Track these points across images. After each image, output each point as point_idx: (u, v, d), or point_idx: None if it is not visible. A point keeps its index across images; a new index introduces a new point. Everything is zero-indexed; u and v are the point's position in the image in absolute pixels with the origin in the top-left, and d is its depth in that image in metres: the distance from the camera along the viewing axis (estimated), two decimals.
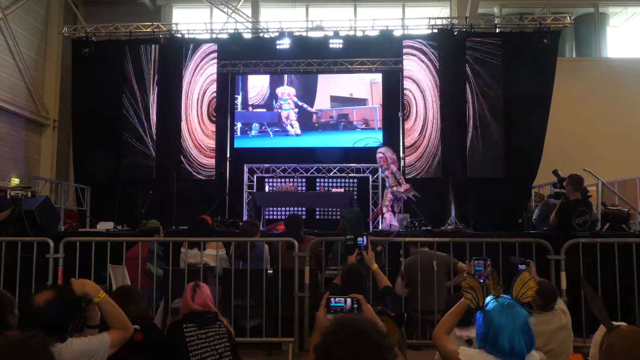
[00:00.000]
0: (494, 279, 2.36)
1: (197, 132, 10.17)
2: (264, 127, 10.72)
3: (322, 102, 10.72)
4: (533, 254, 4.56)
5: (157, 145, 9.91)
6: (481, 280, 2.58)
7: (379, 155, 8.66)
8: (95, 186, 9.73)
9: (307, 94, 10.73)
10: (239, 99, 10.83)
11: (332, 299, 2.41)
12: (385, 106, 10.49)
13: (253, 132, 10.74)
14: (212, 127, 10.20)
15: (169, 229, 7.30)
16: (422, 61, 9.91)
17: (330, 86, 10.76)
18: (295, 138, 10.58)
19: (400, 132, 10.12)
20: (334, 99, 10.73)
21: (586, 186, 6.04)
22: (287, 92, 10.69)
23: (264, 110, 10.79)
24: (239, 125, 10.77)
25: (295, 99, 10.65)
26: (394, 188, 8.40)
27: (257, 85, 10.88)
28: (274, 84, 10.78)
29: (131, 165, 9.78)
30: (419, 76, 9.91)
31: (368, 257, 3.56)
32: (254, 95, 10.84)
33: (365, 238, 3.59)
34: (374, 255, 3.69)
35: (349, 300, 2.40)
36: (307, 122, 10.66)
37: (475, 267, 3.13)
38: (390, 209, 8.46)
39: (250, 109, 10.83)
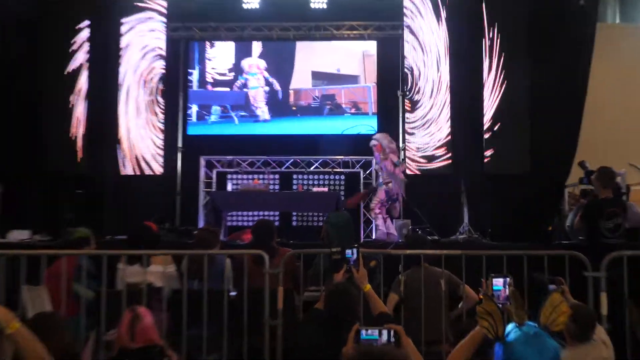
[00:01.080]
0: (516, 302, 2.38)
1: (139, 115, 10.10)
2: (226, 111, 10.65)
3: (301, 79, 10.69)
4: (566, 269, 4.61)
5: (88, 131, 9.77)
6: (500, 304, 2.60)
7: (372, 143, 8.67)
8: (5, 184, 9.53)
9: (282, 69, 10.69)
10: (194, 75, 10.75)
11: (363, 331, 2.43)
12: (380, 84, 10.52)
13: (213, 118, 10.68)
14: (159, 110, 10.14)
15: (103, 239, 7.23)
16: (428, 26, 9.96)
17: (312, 59, 10.75)
18: (268, 125, 10.55)
19: (400, 115, 10.16)
20: (317, 76, 10.72)
21: (629, 184, 6.14)
22: (256, 64, 10.65)
23: (227, 89, 10.73)
24: (194, 108, 10.70)
25: (267, 75, 10.61)
26: (389, 185, 8.45)
27: (219, 56, 10.81)
28: (240, 54, 10.72)
29: (53, 157, 9.63)
30: (424, 45, 9.97)
31: (359, 275, 3.57)
32: (215, 69, 10.76)
33: (355, 250, 3.59)
34: (367, 273, 3.69)
35: (384, 331, 2.42)
36: (282, 105, 10.64)
37: (493, 286, 3.15)
38: (379, 213, 8.45)
39: (209, 87, 10.76)
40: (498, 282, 3.17)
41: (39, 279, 4.79)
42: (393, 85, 10.35)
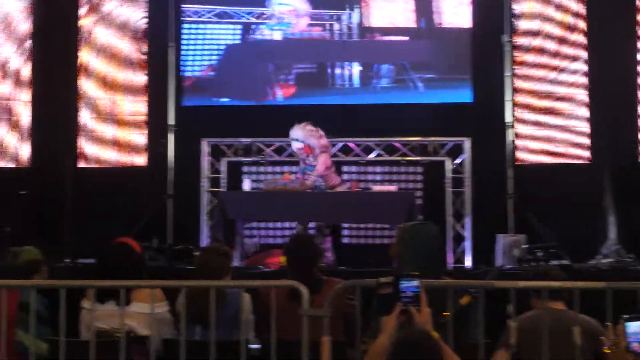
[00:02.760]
0: None
1: (110, 84, 10.33)
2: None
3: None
4: None
5: (35, 112, 10.14)
6: None
7: (296, 146, 9.05)
8: None
9: None
10: None
11: None
12: (476, 29, 10.47)
13: None
14: (141, 72, 10.35)
15: (60, 263, 7.35)
16: None
17: None
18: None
19: (508, 76, 10.12)
20: None
21: None
22: (291, 9, 10.64)
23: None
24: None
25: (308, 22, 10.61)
26: None
27: None
28: None
29: None
30: None
31: (421, 317, 3.53)
32: None
33: (414, 281, 3.55)
34: (431, 314, 3.66)
35: None
36: None
37: (630, 332, 3.09)
38: None
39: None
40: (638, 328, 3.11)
41: None
42: (495, 26, 10.29)
